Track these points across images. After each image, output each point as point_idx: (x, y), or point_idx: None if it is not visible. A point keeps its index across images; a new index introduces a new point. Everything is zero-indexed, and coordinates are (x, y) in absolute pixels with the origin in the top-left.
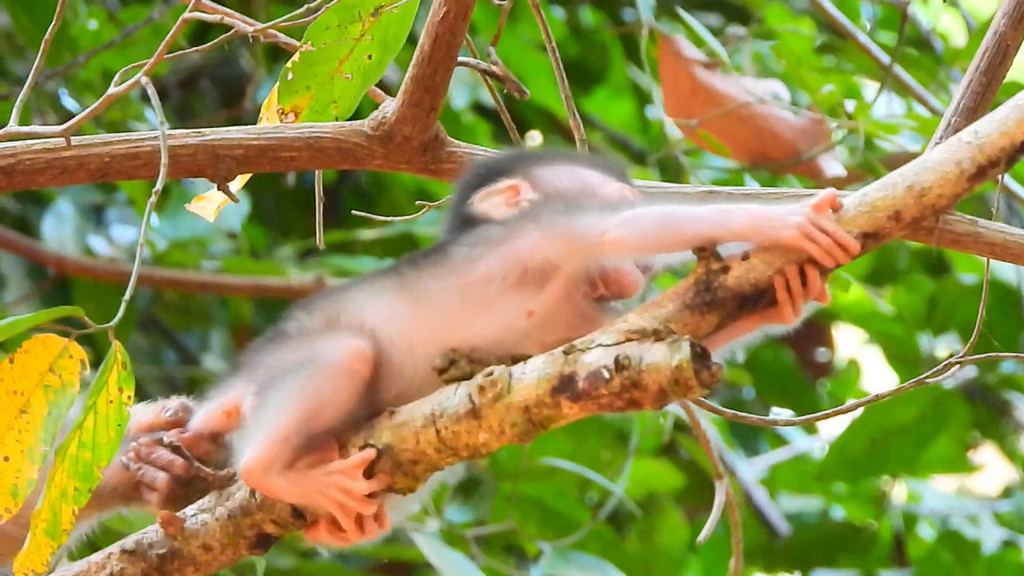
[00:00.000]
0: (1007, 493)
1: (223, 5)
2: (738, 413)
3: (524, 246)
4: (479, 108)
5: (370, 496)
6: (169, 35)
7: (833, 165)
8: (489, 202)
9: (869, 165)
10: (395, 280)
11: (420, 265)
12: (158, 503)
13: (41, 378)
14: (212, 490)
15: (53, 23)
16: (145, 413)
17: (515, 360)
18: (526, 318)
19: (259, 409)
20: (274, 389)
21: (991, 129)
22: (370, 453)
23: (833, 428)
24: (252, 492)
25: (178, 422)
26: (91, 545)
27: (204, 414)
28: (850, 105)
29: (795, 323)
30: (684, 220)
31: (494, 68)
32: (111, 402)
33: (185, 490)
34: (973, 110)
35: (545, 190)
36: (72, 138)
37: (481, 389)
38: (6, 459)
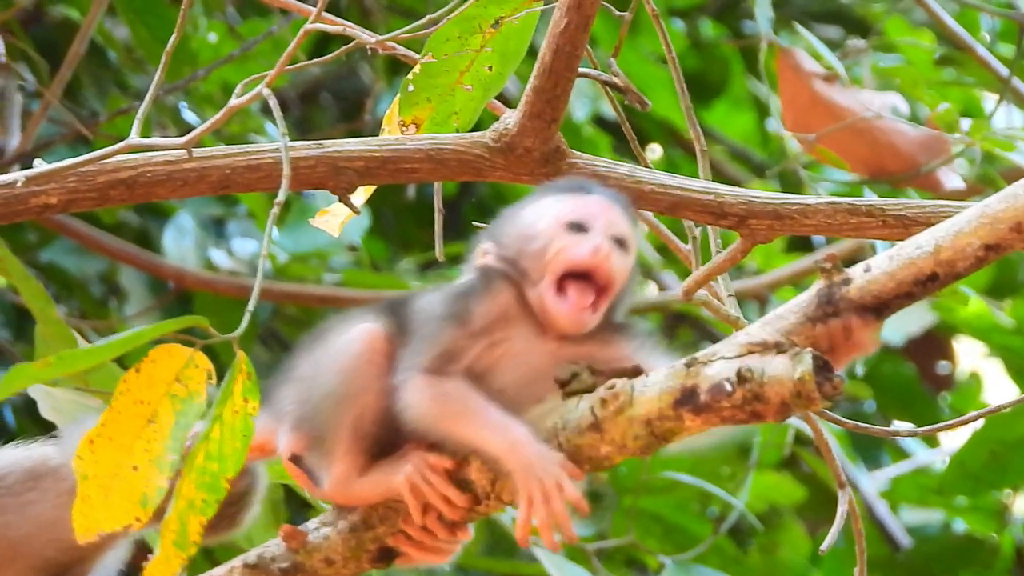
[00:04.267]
0: None
1: (343, 18)
2: (859, 424)
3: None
4: (600, 121)
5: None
6: (290, 46)
7: (952, 178)
8: (468, 270)
9: (988, 178)
10: (389, 320)
11: (406, 319)
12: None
13: (168, 388)
14: (240, 515)
15: (173, 37)
16: None
17: (636, 373)
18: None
19: (313, 438)
20: (314, 411)
21: None
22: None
23: (954, 441)
24: (375, 505)
25: None
26: (211, 559)
27: None
28: (968, 118)
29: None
30: (470, 424)
31: (615, 79)
32: (237, 412)
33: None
34: None
35: (504, 242)
36: (193, 150)
37: (603, 402)
38: (135, 468)
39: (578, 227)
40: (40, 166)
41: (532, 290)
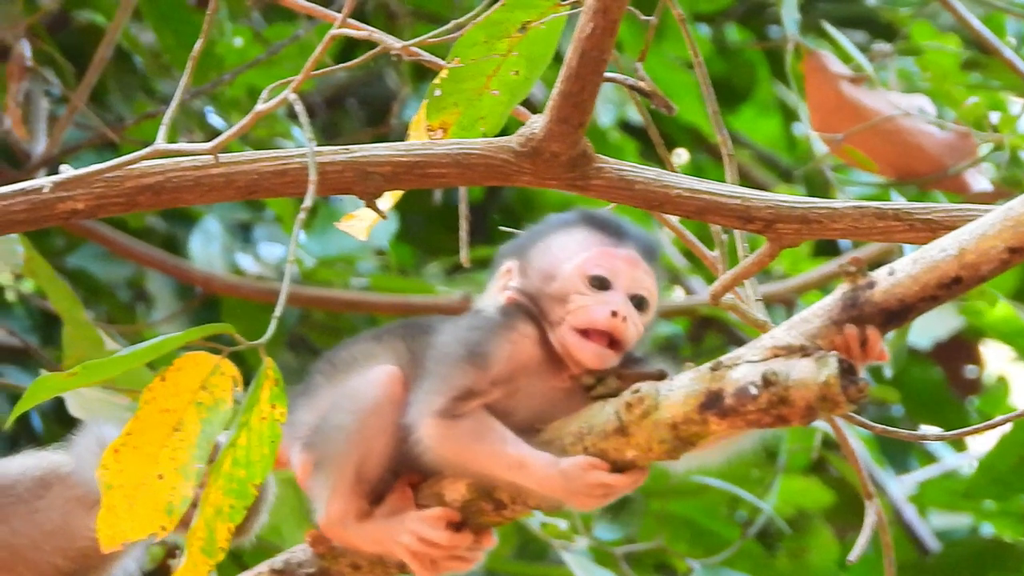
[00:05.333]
0: None
1: (368, 23)
2: (888, 428)
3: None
4: (626, 126)
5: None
6: (316, 52)
7: (979, 180)
8: (490, 291)
9: (1015, 180)
10: (403, 348)
11: (422, 348)
12: None
13: (193, 396)
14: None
15: (199, 41)
16: None
17: (661, 377)
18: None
19: (318, 465)
20: (324, 441)
21: None
22: (443, 511)
23: (982, 445)
24: None
25: None
26: (239, 563)
27: None
28: (995, 119)
29: None
30: (491, 463)
31: (641, 84)
32: (264, 419)
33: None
34: None
35: (527, 273)
36: (220, 155)
37: (629, 406)
38: (160, 477)
39: (600, 282)
40: (67, 171)
41: (552, 330)
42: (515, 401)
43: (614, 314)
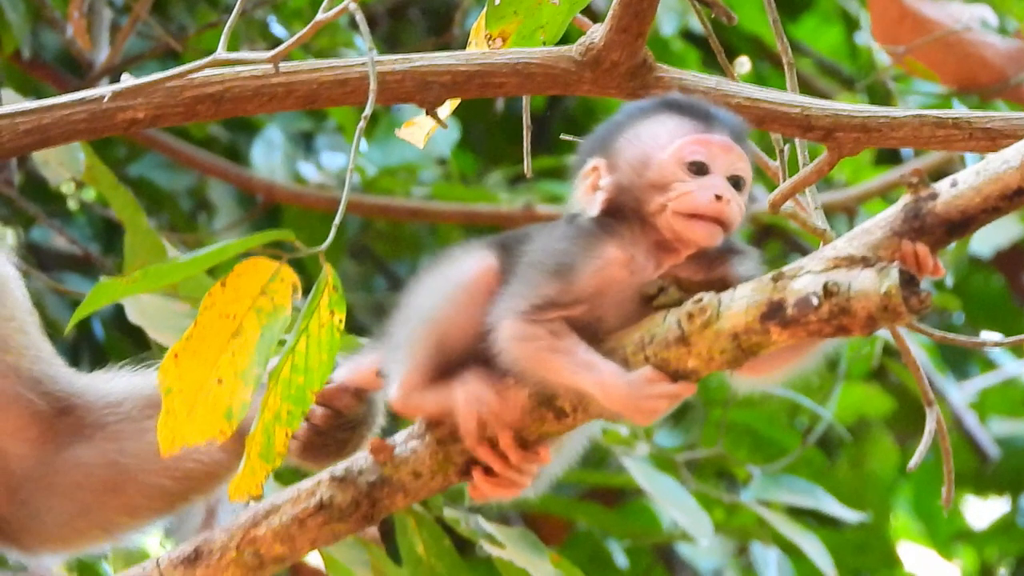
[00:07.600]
0: None
1: None
2: (947, 335)
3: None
4: (688, 35)
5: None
6: None
7: None
8: (580, 191)
9: None
10: (504, 253)
11: (519, 254)
12: (295, 452)
13: (253, 301)
14: (351, 443)
15: None
16: None
17: (723, 287)
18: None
19: (398, 345)
20: (409, 320)
21: None
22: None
23: None
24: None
25: None
26: (299, 472)
27: (350, 368)
28: None
29: None
30: (561, 366)
31: None
32: (323, 325)
33: (323, 439)
34: None
35: (618, 166)
36: (280, 65)
37: (690, 316)
38: (220, 382)
39: (699, 168)
40: (127, 81)
41: (654, 218)
42: (601, 311)
43: (718, 198)
